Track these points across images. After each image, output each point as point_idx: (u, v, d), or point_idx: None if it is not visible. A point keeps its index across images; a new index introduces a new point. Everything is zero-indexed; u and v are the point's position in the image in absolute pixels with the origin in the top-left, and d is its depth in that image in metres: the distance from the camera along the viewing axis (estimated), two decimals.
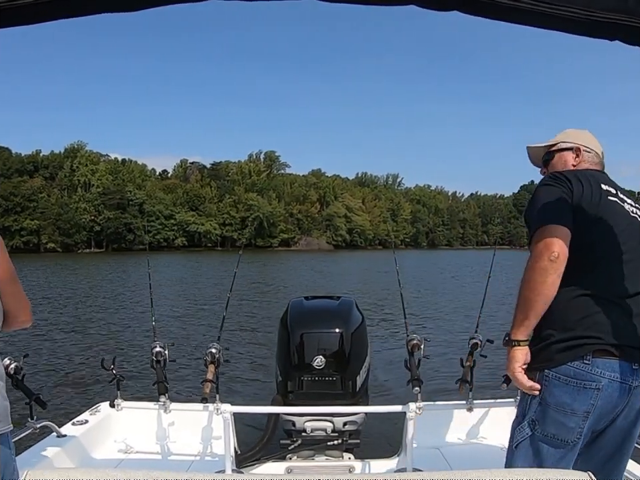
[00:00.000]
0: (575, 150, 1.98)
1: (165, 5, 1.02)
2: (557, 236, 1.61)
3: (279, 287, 21.02)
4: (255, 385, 6.66)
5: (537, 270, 1.59)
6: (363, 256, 60.61)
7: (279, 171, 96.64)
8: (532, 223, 1.70)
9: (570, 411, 1.59)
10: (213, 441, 3.08)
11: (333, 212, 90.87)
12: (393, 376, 6.06)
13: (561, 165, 1.99)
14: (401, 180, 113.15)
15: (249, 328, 10.98)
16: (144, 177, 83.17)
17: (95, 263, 41.40)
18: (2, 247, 1.48)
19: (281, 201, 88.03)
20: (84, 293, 18.11)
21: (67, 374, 7.26)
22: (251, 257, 43.30)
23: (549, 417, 1.62)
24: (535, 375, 1.67)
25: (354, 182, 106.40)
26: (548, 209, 1.70)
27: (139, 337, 9.67)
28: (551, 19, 1.00)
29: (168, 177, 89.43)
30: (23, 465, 1.46)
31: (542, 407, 1.64)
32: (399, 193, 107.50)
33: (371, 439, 3.69)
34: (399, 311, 3.98)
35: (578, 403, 1.58)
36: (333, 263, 43.94)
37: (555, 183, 1.77)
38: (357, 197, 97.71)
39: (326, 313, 3.33)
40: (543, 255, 1.59)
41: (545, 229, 1.63)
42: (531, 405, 1.68)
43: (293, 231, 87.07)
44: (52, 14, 0.98)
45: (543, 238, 1.62)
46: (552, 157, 2.03)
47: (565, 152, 2.00)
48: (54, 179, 74.22)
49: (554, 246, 1.59)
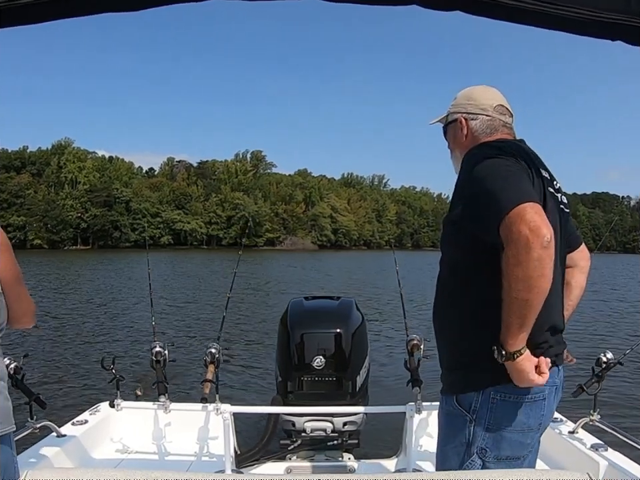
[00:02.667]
0: (459, 121, 1.72)
1: (165, 5, 1.02)
2: (541, 215, 1.29)
3: (277, 287, 21.02)
4: (254, 385, 6.66)
5: (531, 263, 1.26)
6: (349, 256, 60.85)
7: (265, 171, 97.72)
8: (495, 205, 1.33)
9: (527, 429, 1.45)
10: (212, 441, 3.08)
11: (318, 212, 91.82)
12: (393, 376, 6.06)
13: (458, 139, 1.73)
14: (386, 181, 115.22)
15: (248, 328, 10.98)
16: (131, 174, 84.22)
17: (83, 260, 41.49)
18: (8, 248, 1.48)
19: (267, 200, 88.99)
20: (81, 291, 18.09)
21: (66, 374, 7.25)
22: (236, 256, 43.54)
23: (505, 441, 1.44)
24: (473, 398, 1.44)
25: (340, 182, 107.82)
26: (517, 185, 1.37)
27: (139, 336, 9.67)
28: (553, 19, 1.00)
29: (154, 175, 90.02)
30: (23, 465, 1.46)
31: (491, 432, 1.43)
32: (384, 194, 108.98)
33: (371, 439, 3.68)
34: (398, 310, 3.97)
35: (532, 418, 1.45)
36: (319, 262, 44.13)
37: (503, 155, 1.47)
38: (343, 197, 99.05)
39: (326, 313, 3.32)
40: (533, 242, 1.25)
41: (524, 209, 1.28)
42: (474, 433, 1.44)
43: (278, 230, 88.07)
44: (52, 14, 0.98)
45: (525, 221, 1.26)
46: (444, 131, 1.81)
47: (452, 125, 1.76)
48: (41, 175, 74.91)
49: (543, 228, 1.26)
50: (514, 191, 1.33)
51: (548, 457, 2.68)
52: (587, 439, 2.66)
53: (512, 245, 1.28)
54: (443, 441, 1.57)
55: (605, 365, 2.69)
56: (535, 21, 1.02)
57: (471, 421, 1.45)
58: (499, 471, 1.28)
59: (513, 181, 1.37)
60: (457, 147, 1.72)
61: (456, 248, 1.56)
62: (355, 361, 3.03)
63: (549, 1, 0.94)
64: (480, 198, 1.40)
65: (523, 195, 1.32)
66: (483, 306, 1.45)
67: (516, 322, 1.33)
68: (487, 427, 1.43)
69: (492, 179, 1.38)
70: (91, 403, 3.35)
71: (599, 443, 2.59)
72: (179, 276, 26.31)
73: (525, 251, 1.26)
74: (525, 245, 1.26)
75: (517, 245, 1.27)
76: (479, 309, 1.46)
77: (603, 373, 2.68)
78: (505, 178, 1.37)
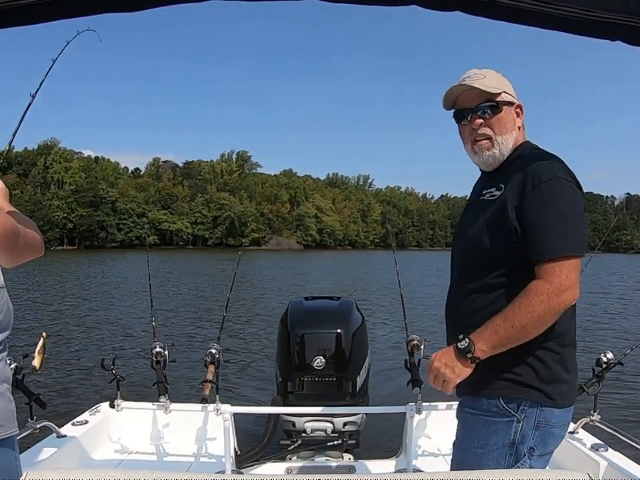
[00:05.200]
0: (519, 107, 1.57)
1: (165, 5, 1.02)
2: (579, 275, 1.35)
3: (275, 286, 21.02)
4: (254, 386, 6.65)
5: (552, 311, 1.33)
6: (333, 256, 61.07)
7: (250, 171, 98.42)
8: (555, 241, 1.34)
9: (567, 423, 1.50)
10: (212, 442, 3.08)
11: (303, 212, 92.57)
12: (393, 376, 6.05)
13: (510, 127, 1.53)
14: (371, 181, 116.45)
15: (248, 327, 10.98)
16: (117, 175, 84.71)
17: (73, 260, 41.47)
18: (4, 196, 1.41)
19: (252, 200, 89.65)
20: (79, 292, 18.07)
21: (66, 374, 7.24)
22: (226, 256, 43.78)
23: (552, 437, 1.45)
24: (523, 399, 1.42)
25: (325, 182, 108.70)
26: (583, 232, 1.40)
27: (139, 337, 9.67)
28: (552, 19, 1.00)
29: (140, 176, 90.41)
30: (23, 465, 1.46)
31: (541, 430, 1.42)
32: (369, 194, 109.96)
33: (371, 440, 3.68)
34: (399, 310, 3.96)
35: (569, 413, 1.50)
36: (305, 261, 44.18)
37: (576, 186, 1.42)
38: (328, 197, 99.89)
39: (326, 313, 3.32)
40: (566, 298, 1.33)
41: (577, 264, 1.35)
42: (523, 433, 1.42)
43: (263, 230, 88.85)
44: (52, 14, 0.98)
45: (573, 276, 1.33)
46: (500, 109, 1.52)
47: (508, 107, 1.54)
48: (27, 175, 75.30)
49: (576, 291, 1.34)
50: (580, 238, 1.38)
51: None
52: (587, 439, 2.66)
53: (550, 285, 1.32)
54: (469, 445, 1.49)
55: (605, 366, 2.69)
56: (534, 21, 1.02)
57: (518, 421, 1.42)
58: (500, 471, 1.28)
59: (582, 227, 1.40)
60: (504, 134, 1.52)
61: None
62: (355, 361, 3.03)
63: (549, 1, 0.94)
64: (544, 221, 1.37)
65: (582, 247, 1.37)
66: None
67: (505, 334, 1.36)
68: (537, 425, 1.42)
69: (571, 213, 1.38)
70: (91, 403, 3.35)
71: (599, 443, 2.59)
72: (178, 275, 26.31)
73: (555, 297, 1.32)
74: (558, 293, 1.32)
75: (554, 288, 1.32)
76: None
77: (603, 373, 2.69)
78: (578, 218, 1.39)
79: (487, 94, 1.50)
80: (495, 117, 1.51)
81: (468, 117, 1.54)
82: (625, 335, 10.49)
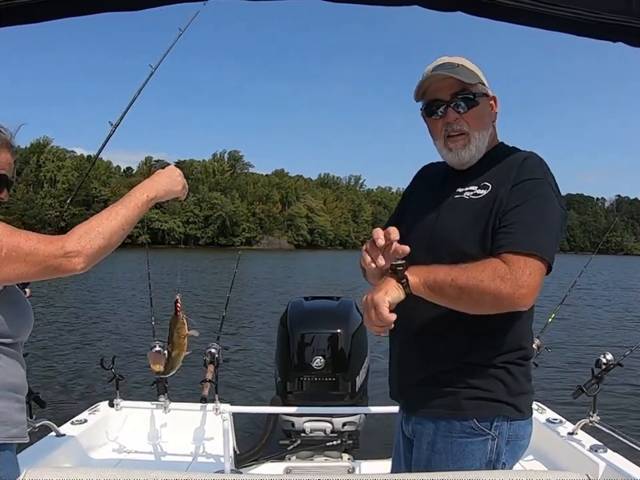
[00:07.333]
0: (495, 100, 1.44)
1: (165, 5, 1.02)
2: (540, 284, 1.23)
3: (274, 285, 21.02)
4: (254, 385, 6.65)
5: (496, 297, 1.20)
6: (326, 255, 61.18)
7: (242, 171, 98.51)
8: (531, 239, 1.23)
9: (530, 433, 1.44)
10: (212, 441, 3.07)
11: (294, 212, 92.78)
12: None
13: (487, 122, 1.41)
14: (363, 181, 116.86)
15: (248, 327, 10.98)
16: (109, 173, 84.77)
17: None
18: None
19: (244, 200, 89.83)
20: (78, 290, 18.07)
21: (66, 373, 7.24)
22: (218, 255, 43.96)
23: (520, 449, 1.41)
24: (495, 416, 1.35)
25: (316, 182, 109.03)
26: (556, 245, 1.30)
27: (138, 336, 9.66)
28: (554, 21, 1.00)
29: (132, 174, 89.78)
30: (22, 464, 1.45)
31: (511, 444, 1.37)
32: (360, 194, 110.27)
33: (370, 440, 3.68)
34: None
35: (530, 423, 1.45)
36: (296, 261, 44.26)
37: (559, 195, 1.33)
38: (319, 197, 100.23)
39: (326, 313, 3.32)
40: (517, 296, 1.19)
41: (542, 271, 1.23)
42: (498, 450, 1.35)
43: (255, 230, 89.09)
44: (52, 14, 0.98)
45: (536, 279, 1.20)
46: (476, 102, 1.37)
47: (484, 99, 1.40)
48: (20, 174, 75.35)
49: (531, 298, 1.22)
50: (554, 243, 1.27)
51: (547, 458, 2.68)
52: (586, 440, 2.66)
53: (510, 276, 1.19)
54: (444, 468, 1.39)
55: (604, 367, 2.69)
56: (536, 22, 1.02)
57: (493, 439, 1.35)
58: (500, 471, 1.28)
59: (558, 234, 1.30)
60: (479, 129, 1.38)
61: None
62: (354, 362, 3.03)
63: (550, 2, 0.94)
64: (523, 216, 1.26)
65: (552, 253, 1.25)
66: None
67: (439, 283, 1.23)
68: (508, 440, 1.36)
69: (554, 223, 1.29)
70: (91, 402, 3.35)
71: (598, 444, 2.59)
72: (176, 275, 26.29)
73: (506, 290, 1.18)
74: (512, 290, 1.18)
75: (512, 279, 1.18)
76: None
77: (603, 374, 2.68)
78: (556, 224, 1.30)
79: (462, 84, 1.34)
80: (471, 110, 1.36)
81: (440, 110, 1.38)
82: (625, 335, 10.50)
